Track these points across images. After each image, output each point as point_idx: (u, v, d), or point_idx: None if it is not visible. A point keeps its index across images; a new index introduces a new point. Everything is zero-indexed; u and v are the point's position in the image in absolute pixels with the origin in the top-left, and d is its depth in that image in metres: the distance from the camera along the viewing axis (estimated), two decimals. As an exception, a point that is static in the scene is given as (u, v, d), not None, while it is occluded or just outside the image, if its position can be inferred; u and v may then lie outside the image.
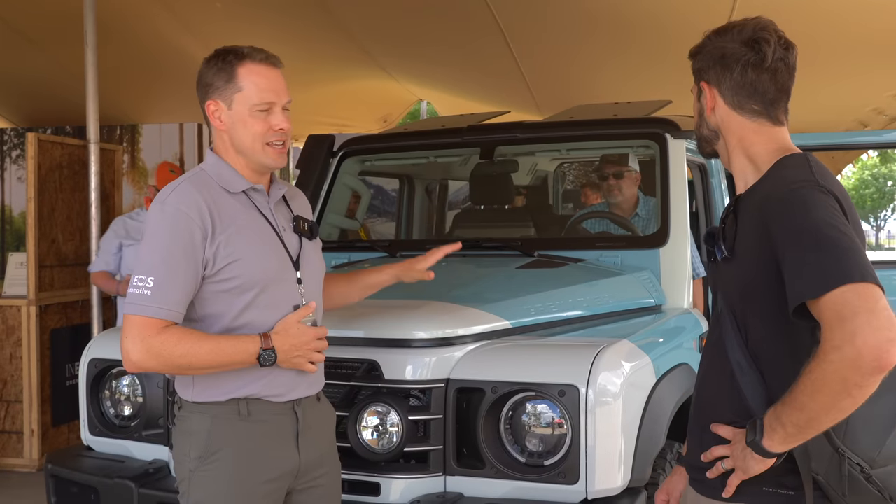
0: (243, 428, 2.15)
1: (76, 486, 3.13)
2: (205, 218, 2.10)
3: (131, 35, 7.39)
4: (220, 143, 2.24)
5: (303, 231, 2.31)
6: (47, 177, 5.87)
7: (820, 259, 1.57)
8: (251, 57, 2.18)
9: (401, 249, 4.06)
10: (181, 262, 2.07)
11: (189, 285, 2.09)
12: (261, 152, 2.19)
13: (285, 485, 2.21)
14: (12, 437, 5.76)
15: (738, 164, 1.88)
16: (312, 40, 7.62)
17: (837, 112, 7.82)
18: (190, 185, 2.16)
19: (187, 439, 2.17)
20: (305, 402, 2.25)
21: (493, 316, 2.90)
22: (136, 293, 2.06)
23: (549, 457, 2.56)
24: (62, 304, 5.96)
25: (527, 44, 7.12)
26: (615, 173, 4.21)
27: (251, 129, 2.17)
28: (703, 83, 1.88)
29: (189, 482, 2.17)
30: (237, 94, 2.17)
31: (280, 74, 2.22)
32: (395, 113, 9.93)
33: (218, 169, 2.22)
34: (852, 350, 1.49)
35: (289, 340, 2.12)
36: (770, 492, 1.74)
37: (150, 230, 2.12)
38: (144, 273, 2.06)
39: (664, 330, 3.23)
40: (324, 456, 2.31)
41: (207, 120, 2.24)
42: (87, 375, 3.25)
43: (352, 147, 4.42)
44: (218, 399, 2.15)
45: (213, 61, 2.20)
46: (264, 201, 2.26)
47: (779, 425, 1.62)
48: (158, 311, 2.04)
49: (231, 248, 2.12)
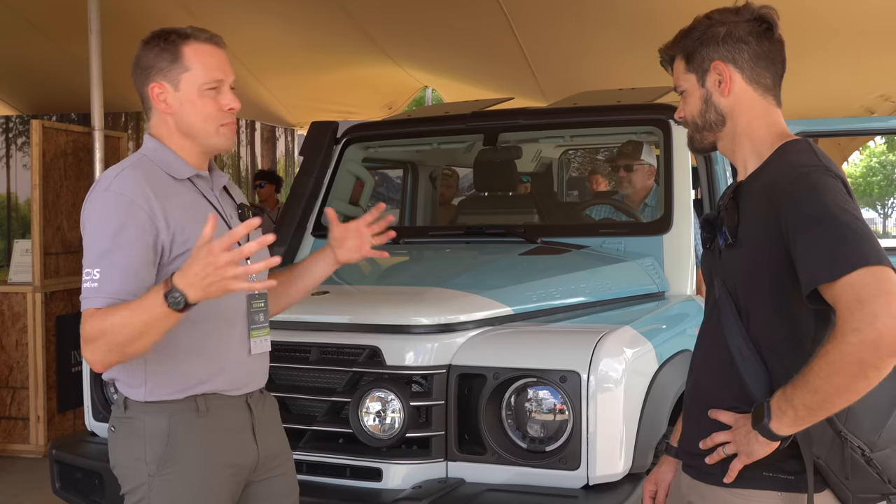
0: (203, 425, 2.07)
1: (80, 471, 3.15)
2: (152, 204, 1.99)
3: (135, 22, 7.37)
4: (163, 126, 2.13)
5: (247, 218, 2.15)
6: (52, 164, 5.88)
7: (836, 242, 1.57)
8: (195, 36, 2.10)
9: (404, 236, 4.06)
10: (128, 249, 1.95)
11: (141, 271, 1.96)
12: (214, 134, 2.12)
13: (244, 479, 2.16)
14: (18, 423, 5.79)
15: (743, 150, 1.86)
16: (317, 27, 7.60)
17: (844, 98, 7.78)
18: (133, 171, 2.05)
19: (139, 443, 2.05)
20: (256, 395, 2.21)
21: (495, 302, 2.90)
22: (85, 287, 1.96)
23: (550, 443, 2.56)
24: (67, 290, 5.98)
25: (532, 30, 7.10)
26: (627, 166, 4.22)
27: (201, 110, 2.09)
28: (716, 62, 1.84)
29: (148, 488, 2.05)
30: (184, 73, 2.07)
31: (224, 53, 2.14)
32: (400, 100, 9.91)
33: (161, 154, 2.11)
34: (872, 332, 1.50)
35: (190, 271, 1.81)
36: (770, 476, 1.74)
37: (94, 218, 2.00)
38: (91, 265, 1.96)
39: (667, 316, 3.23)
40: (279, 449, 2.28)
41: (146, 105, 2.13)
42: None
43: (355, 134, 4.41)
44: (175, 397, 2.05)
45: (153, 42, 2.10)
46: (209, 188, 2.18)
47: (789, 408, 1.62)
48: (106, 300, 1.92)
49: (185, 235, 2.03)
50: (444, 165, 5.47)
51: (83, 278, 1.97)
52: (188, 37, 2.09)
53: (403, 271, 2.77)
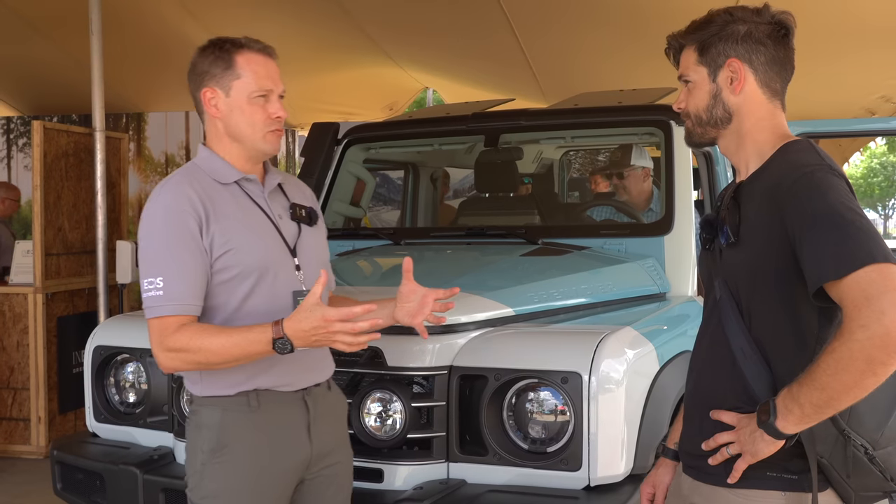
0: (254, 420, 2.15)
1: (82, 472, 3.15)
2: (197, 208, 2.10)
3: (137, 23, 7.39)
4: (213, 131, 2.24)
5: (300, 218, 2.30)
6: (53, 165, 5.87)
7: (841, 240, 1.58)
8: (248, 46, 2.20)
9: (405, 237, 4.06)
10: (184, 255, 2.07)
11: (199, 276, 2.09)
12: (260, 139, 2.20)
13: (297, 475, 2.22)
14: (19, 424, 5.79)
15: (745, 150, 1.86)
16: (318, 28, 7.60)
17: (845, 99, 7.78)
18: (181, 179, 2.17)
19: (199, 433, 2.18)
20: (316, 390, 2.25)
21: (496, 303, 2.90)
22: (149, 296, 2.07)
23: (551, 444, 2.56)
24: (68, 291, 5.98)
25: (533, 31, 7.09)
26: (619, 173, 4.23)
27: (250, 117, 2.18)
28: (732, 60, 1.82)
29: (200, 475, 2.17)
30: (235, 81, 2.17)
31: (276, 65, 2.24)
32: (401, 101, 9.91)
33: (210, 163, 2.22)
34: (880, 328, 1.50)
35: (300, 326, 1.97)
36: (774, 476, 1.74)
37: (147, 230, 2.12)
38: (153, 275, 2.08)
39: (668, 317, 3.23)
40: (336, 445, 2.31)
41: (199, 109, 2.24)
42: (92, 362, 3.27)
43: (356, 135, 4.41)
44: (226, 392, 2.15)
45: (208, 50, 2.20)
46: (258, 191, 2.25)
47: (795, 406, 1.62)
48: (174, 308, 2.05)
49: (225, 237, 2.12)
50: (446, 166, 5.47)
51: (145, 287, 2.08)
52: (242, 46, 2.20)
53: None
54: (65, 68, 7.98)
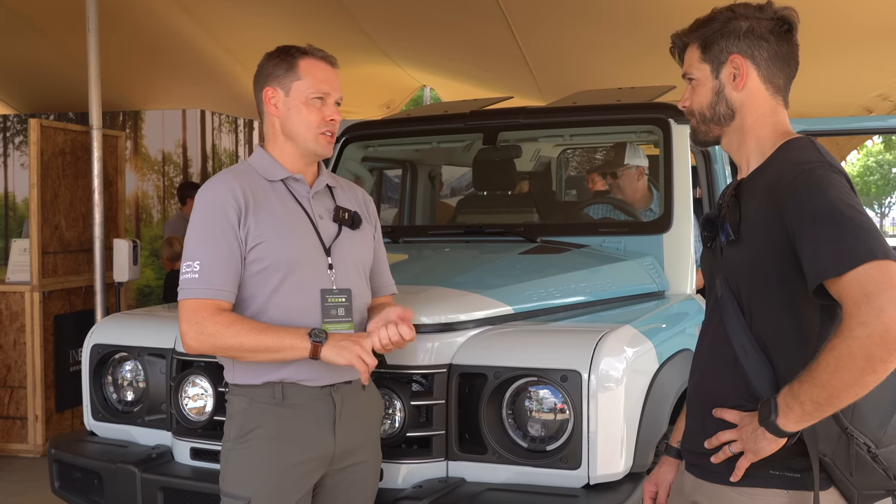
0: (277, 411, 2.23)
1: (79, 470, 3.14)
2: (238, 199, 2.22)
3: (133, 21, 7.38)
4: (271, 129, 2.35)
5: (342, 220, 2.37)
6: (50, 163, 5.86)
7: (841, 237, 1.57)
8: (312, 53, 2.34)
9: (403, 235, 4.06)
10: (221, 242, 2.19)
11: (233, 263, 2.21)
12: (313, 140, 2.31)
13: (319, 469, 2.27)
14: (16, 422, 5.78)
15: (747, 147, 1.86)
16: (315, 25, 7.60)
17: (842, 98, 7.79)
18: (229, 174, 2.31)
19: (230, 422, 2.29)
20: (346, 388, 2.29)
21: (495, 301, 2.89)
22: (185, 278, 2.19)
23: (551, 442, 2.56)
24: (65, 290, 5.97)
25: (530, 29, 7.10)
26: (613, 173, 4.23)
27: (305, 118, 2.30)
28: (734, 56, 1.82)
29: (227, 462, 2.27)
30: (296, 82, 2.30)
31: (336, 73, 2.37)
32: (399, 99, 9.91)
33: (261, 160, 2.35)
34: (880, 325, 1.50)
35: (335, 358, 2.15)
36: (777, 475, 1.74)
37: (192, 218, 2.26)
38: (190, 259, 2.20)
39: (667, 316, 3.22)
40: (363, 444, 2.35)
41: (260, 108, 2.35)
42: (89, 361, 3.25)
43: (354, 133, 4.41)
44: (254, 382, 2.24)
45: (274, 55, 2.34)
46: (303, 190, 2.35)
47: (796, 403, 1.61)
48: (208, 292, 2.17)
49: (260, 229, 2.22)
50: (444, 164, 5.46)
51: (183, 270, 2.21)
52: (306, 53, 2.34)
53: (403, 270, 2.76)
54: (61, 66, 7.98)
